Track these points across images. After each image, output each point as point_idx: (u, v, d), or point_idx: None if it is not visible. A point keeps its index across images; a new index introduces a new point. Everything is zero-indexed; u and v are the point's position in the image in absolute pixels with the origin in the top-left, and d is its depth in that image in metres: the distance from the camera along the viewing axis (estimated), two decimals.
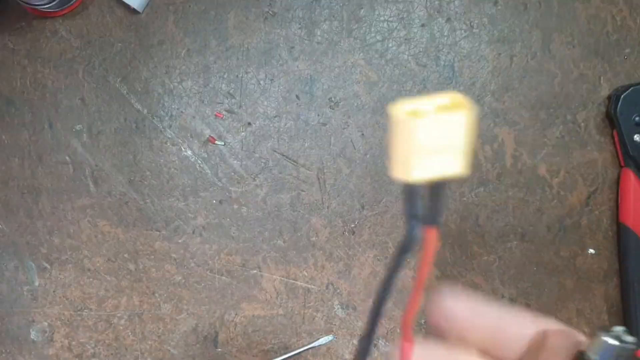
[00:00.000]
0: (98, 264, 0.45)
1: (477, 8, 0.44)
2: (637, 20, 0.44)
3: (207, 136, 0.45)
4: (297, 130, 0.45)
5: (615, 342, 0.17)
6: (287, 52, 0.45)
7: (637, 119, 0.42)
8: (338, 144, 0.45)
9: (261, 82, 0.45)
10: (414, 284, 0.16)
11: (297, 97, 0.45)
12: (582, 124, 0.44)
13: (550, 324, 0.22)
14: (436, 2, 0.45)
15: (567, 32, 0.44)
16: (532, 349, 0.22)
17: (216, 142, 0.45)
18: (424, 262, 0.15)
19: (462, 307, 0.22)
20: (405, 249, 0.15)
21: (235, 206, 0.45)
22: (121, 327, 0.45)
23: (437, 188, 0.14)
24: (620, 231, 0.43)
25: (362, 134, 0.45)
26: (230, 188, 0.45)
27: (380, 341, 0.45)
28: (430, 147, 0.13)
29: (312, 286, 0.45)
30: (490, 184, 0.44)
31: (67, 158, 0.45)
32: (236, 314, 0.45)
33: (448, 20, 0.45)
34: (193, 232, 0.45)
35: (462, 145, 0.14)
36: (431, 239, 0.15)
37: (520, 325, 0.22)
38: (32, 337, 0.46)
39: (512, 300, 0.44)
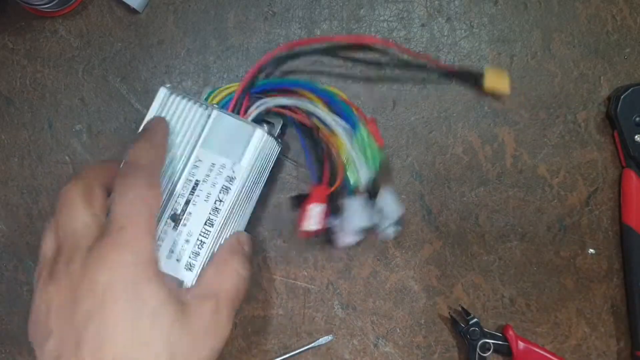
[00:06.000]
0: None
1: (477, 8, 0.44)
2: (637, 20, 0.44)
3: None
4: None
5: None
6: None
7: (637, 119, 0.42)
8: None
9: None
10: None
11: None
12: (582, 124, 0.44)
13: None
14: (436, 2, 0.45)
15: (567, 32, 0.44)
16: None
17: None
18: None
19: None
20: None
21: None
22: None
23: None
24: (624, 232, 0.43)
25: None
26: None
27: (380, 341, 0.45)
28: None
29: (312, 286, 0.45)
30: (490, 184, 0.44)
31: (66, 158, 0.45)
32: (236, 314, 0.45)
33: (448, 20, 0.45)
34: None
35: None
36: None
37: None
38: None
39: (512, 301, 0.44)
